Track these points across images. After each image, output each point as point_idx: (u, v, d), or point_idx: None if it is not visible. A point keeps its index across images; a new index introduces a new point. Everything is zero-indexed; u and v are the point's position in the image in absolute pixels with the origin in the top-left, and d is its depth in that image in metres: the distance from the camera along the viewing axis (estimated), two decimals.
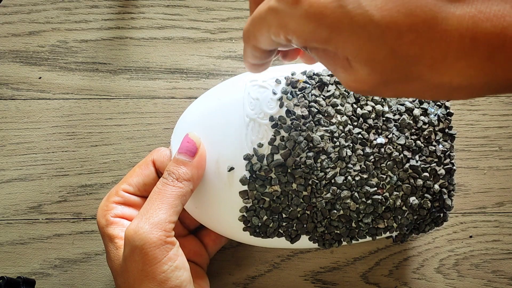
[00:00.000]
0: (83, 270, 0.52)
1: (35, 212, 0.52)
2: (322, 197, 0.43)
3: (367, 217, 0.44)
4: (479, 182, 0.54)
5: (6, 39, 0.54)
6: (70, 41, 0.55)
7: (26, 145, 0.53)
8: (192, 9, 0.56)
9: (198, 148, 0.43)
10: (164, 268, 0.39)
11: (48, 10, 0.55)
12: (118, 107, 0.54)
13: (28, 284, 0.46)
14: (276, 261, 0.53)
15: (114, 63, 0.55)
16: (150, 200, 0.41)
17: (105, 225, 0.43)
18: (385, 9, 0.25)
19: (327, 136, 0.43)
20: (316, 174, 0.43)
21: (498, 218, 0.53)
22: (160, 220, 0.39)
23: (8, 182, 0.53)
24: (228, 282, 0.52)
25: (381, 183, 0.43)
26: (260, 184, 0.43)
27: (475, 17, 0.24)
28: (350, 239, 0.45)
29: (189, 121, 0.46)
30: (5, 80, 0.54)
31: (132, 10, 0.55)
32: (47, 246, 0.52)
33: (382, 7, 0.25)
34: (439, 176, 0.44)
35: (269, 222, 0.44)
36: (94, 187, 0.53)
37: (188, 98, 0.54)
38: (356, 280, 0.53)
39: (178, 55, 0.55)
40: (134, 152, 0.53)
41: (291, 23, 0.29)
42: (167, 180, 0.42)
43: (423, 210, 0.44)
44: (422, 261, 0.53)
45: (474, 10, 0.25)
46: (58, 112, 0.54)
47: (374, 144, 0.44)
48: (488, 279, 0.52)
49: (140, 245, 0.39)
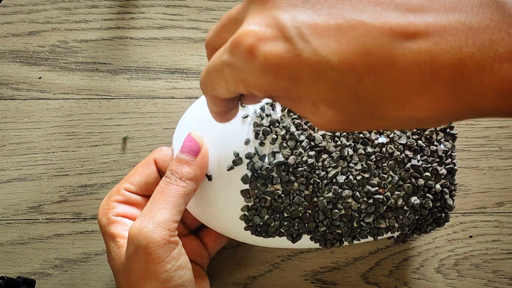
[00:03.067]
0: (83, 270, 0.52)
1: (35, 212, 0.52)
2: (324, 197, 0.43)
3: (369, 216, 0.44)
4: (479, 182, 0.54)
5: (6, 39, 0.54)
6: (70, 41, 0.55)
7: (26, 145, 0.53)
8: (192, 9, 0.56)
9: (201, 147, 0.43)
10: (167, 268, 0.39)
11: (48, 10, 0.55)
12: (118, 107, 0.54)
13: (28, 284, 0.46)
14: (276, 261, 0.53)
15: (114, 63, 0.55)
16: (154, 199, 0.41)
17: (107, 224, 0.43)
18: (341, 53, 0.25)
19: (328, 135, 0.43)
20: (318, 173, 0.43)
21: (498, 218, 0.53)
22: (164, 220, 0.39)
23: (8, 182, 0.53)
24: (228, 282, 0.52)
25: (382, 183, 0.44)
26: (262, 183, 0.43)
27: (432, 51, 0.24)
28: (351, 239, 0.45)
29: (191, 120, 0.46)
30: (5, 80, 0.54)
31: (132, 10, 0.55)
32: (47, 246, 0.52)
33: (338, 51, 0.25)
34: (441, 176, 0.44)
35: (271, 221, 0.44)
36: (94, 187, 0.53)
37: (188, 98, 0.54)
38: (356, 280, 0.53)
39: (178, 55, 0.55)
40: (134, 152, 0.53)
41: (249, 78, 0.28)
42: (170, 180, 0.41)
43: (424, 210, 0.44)
44: (422, 261, 0.53)
45: (430, 44, 0.24)
46: (58, 112, 0.53)
47: (376, 143, 0.44)
48: (488, 279, 0.53)
49: (144, 244, 0.39)
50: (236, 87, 0.29)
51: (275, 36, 0.26)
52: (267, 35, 0.26)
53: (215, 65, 0.30)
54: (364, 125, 0.28)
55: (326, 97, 0.27)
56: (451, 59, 0.24)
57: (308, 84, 0.26)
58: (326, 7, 0.26)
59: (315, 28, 0.25)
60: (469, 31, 0.23)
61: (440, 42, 0.24)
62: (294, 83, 0.27)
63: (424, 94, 0.25)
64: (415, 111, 0.26)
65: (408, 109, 0.26)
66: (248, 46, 0.27)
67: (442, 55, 0.24)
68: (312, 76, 0.26)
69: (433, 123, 0.27)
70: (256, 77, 0.27)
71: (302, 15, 0.26)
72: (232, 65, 0.28)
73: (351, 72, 0.25)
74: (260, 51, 0.26)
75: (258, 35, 0.27)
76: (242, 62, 0.27)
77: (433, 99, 0.25)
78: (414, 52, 0.24)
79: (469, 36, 0.23)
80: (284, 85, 0.27)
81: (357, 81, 0.25)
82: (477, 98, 0.24)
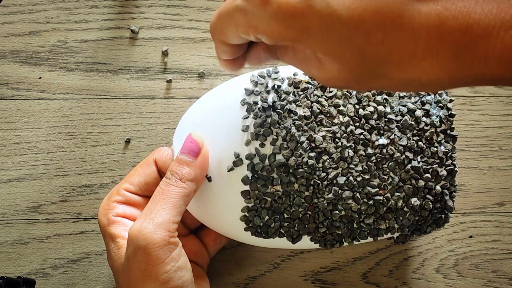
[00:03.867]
0: (83, 270, 0.52)
1: (35, 212, 0.52)
2: (324, 198, 0.43)
3: (369, 217, 0.44)
4: (479, 182, 0.54)
5: (6, 39, 0.54)
6: (70, 41, 0.55)
7: (26, 145, 0.53)
8: (192, 9, 0.56)
9: (201, 148, 0.43)
10: (166, 268, 0.39)
11: (48, 10, 0.55)
12: (118, 107, 0.54)
13: (28, 284, 0.46)
14: (276, 261, 0.53)
15: (114, 63, 0.55)
16: (154, 200, 0.41)
17: (107, 224, 0.43)
18: (353, 8, 0.25)
19: (329, 136, 0.43)
20: (318, 174, 0.43)
21: (498, 218, 0.53)
22: (164, 220, 0.39)
23: (8, 182, 0.53)
24: (228, 282, 0.52)
25: (382, 184, 0.44)
26: (262, 184, 0.43)
27: (441, 15, 0.24)
28: (351, 239, 0.45)
29: (191, 121, 0.46)
30: (5, 80, 0.54)
31: (132, 10, 0.55)
32: (47, 246, 0.52)
33: (350, 5, 0.25)
34: (441, 177, 0.44)
35: (271, 222, 0.44)
36: (94, 187, 0.53)
37: (188, 98, 0.54)
38: (356, 280, 0.53)
39: (178, 55, 0.55)
40: (134, 152, 0.53)
41: (260, 24, 0.29)
42: (171, 180, 0.41)
43: (424, 211, 0.45)
44: (422, 261, 0.53)
45: (440, 8, 0.24)
46: (58, 112, 0.53)
47: (376, 145, 0.44)
48: (488, 279, 0.53)
49: (144, 245, 0.39)
50: (246, 32, 0.30)
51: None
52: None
53: (228, 9, 0.31)
54: (367, 84, 0.29)
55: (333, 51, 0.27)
56: (459, 25, 0.24)
57: (317, 36, 0.27)
58: None
59: None
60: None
61: (449, 7, 0.24)
62: (304, 33, 0.27)
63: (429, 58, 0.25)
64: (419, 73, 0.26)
65: (412, 71, 0.26)
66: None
67: (451, 19, 0.24)
68: (322, 29, 0.26)
69: (436, 87, 0.28)
70: (268, 24, 0.28)
71: None
72: (244, 10, 0.29)
73: (359, 29, 0.26)
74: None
75: None
76: (255, 8, 0.28)
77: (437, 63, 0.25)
78: (424, 15, 0.25)
79: (478, 3, 0.24)
80: (294, 34, 0.28)
81: (364, 39, 0.26)
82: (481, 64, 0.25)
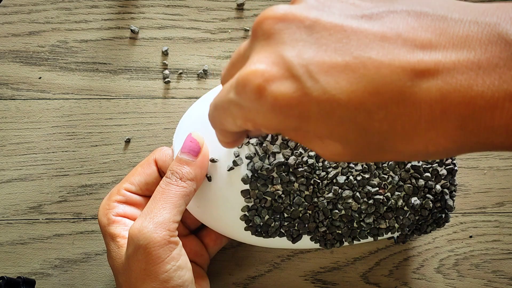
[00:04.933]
0: (83, 270, 0.52)
1: (35, 212, 0.52)
2: (324, 197, 0.43)
3: (369, 217, 0.44)
4: (479, 182, 0.54)
5: (6, 39, 0.54)
6: (70, 41, 0.55)
7: (26, 145, 0.53)
8: (192, 9, 0.56)
9: (201, 148, 0.43)
10: (166, 268, 0.39)
11: (48, 10, 0.55)
12: (118, 107, 0.54)
13: (28, 284, 0.46)
14: (276, 261, 0.53)
15: (114, 63, 0.55)
16: (154, 200, 0.41)
17: (107, 224, 0.43)
18: (351, 91, 0.25)
19: None
20: (318, 173, 0.43)
21: (498, 218, 0.53)
22: (164, 220, 0.39)
23: (8, 182, 0.53)
24: (228, 282, 0.52)
25: (382, 183, 0.44)
26: (262, 184, 0.43)
27: (443, 89, 0.24)
28: (351, 239, 0.45)
29: (191, 121, 0.46)
30: (5, 80, 0.54)
31: (132, 10, 0.55)
32: (47, 246, 0.52)
33: (348, 89, 0.25)
34: (441, 177, 0.44)
35: (271, 222, 0.44)
36: (94, 187, 0.53)
37: (188, 98, 0.54)
38: (356, 280, 0.53)
39: (178, 55, 0.55)
40: (134, 152, 0.53)
41: (258, 117, 0.28)
42: (171, 180, 0.41)
43: (424, 211, 0.45)
44: (422, 261, 0.53)
45: (440, 82, 0.24)
46: (58, 112, 0.53)
47: None
48: (488, 279, 0.53)
49: (144, 244, 0.39)
50: (245, 124, 0.29)
51: (282, 75, 0.26)
52: (275, 75, 0.26)
53: (222, 102, 0.30)
54: (373, 157, 0.28)
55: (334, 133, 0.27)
56: (462, 97, 0.24)
57: (317, 121, 0.26)
58: (331, 41, 0.26)
59: (322, 65, 0.25)
60: (479, 70, 0.23)
61: (450, 81, 0.24)
62: (303, 121, 0.27)
63: (434, 129, 0.25)
64: (424, 145, 0.26)
65: (417, 143, 0.26)
66: (256, 87, 0.26)
67: (452, 93, 0.24)
68: (321, 114, 0.26)
69: (442, 156, 0.27)
70: (265, 117, 0.27)
71: (308, 51, 0.26)
72: (239, 104, 0.28)
73: (361, 110, 0.25)
74: (268, 92, 0.26)
75: (265, 75, 0.26)
76: (250, 102, 0.27)
77: (443, 134, 0.25)
78: (424, 90, 0.24)
79: (479, 75, 0.23)
80: (294, 123, 0.27)
81: (366, 118, 0.25)
82: (487, 134, 0.24)
